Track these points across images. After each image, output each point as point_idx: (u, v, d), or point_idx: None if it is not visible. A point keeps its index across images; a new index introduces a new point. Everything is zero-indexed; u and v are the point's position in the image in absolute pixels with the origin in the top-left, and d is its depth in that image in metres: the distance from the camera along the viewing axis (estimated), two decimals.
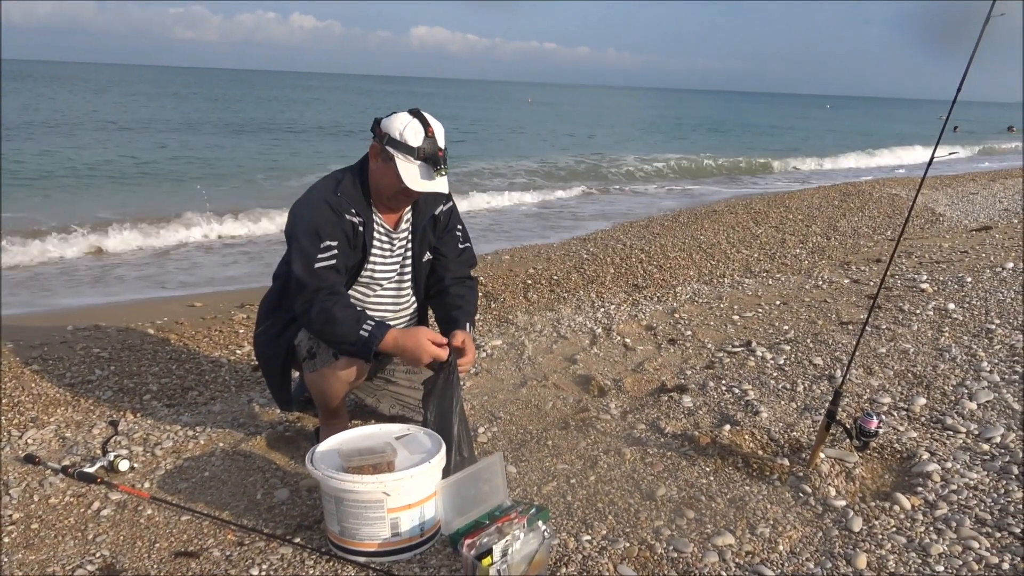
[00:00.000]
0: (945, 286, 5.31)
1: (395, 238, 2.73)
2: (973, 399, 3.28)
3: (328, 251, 2.53)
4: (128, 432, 3.16)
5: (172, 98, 41.28)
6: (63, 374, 3.85)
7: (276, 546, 2.31)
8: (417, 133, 2.47)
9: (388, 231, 2.71)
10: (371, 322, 2.50)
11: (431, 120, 2.53)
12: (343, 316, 2.50)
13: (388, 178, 2.54)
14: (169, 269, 7.11)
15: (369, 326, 2.49)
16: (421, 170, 2.49)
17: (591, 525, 2.41)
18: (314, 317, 2.51)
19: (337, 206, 2.56)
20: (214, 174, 13.67)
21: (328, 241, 2.53)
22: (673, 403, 3.38)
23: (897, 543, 2.29)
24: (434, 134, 2.49)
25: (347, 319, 2.49)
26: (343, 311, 2.51)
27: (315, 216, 2.55)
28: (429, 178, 2.50)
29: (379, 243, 2.69)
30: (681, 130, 34.29)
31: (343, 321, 2.49)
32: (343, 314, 2.50)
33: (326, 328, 2.51)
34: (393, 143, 2.49)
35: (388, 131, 2.50)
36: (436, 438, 2.41)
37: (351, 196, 2.59)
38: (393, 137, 2.49)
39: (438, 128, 2.53)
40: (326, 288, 2.52)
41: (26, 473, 2.80)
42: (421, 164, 2.49)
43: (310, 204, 2.58)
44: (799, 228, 8.54)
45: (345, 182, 2.61)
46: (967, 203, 10.61)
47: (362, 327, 2.48)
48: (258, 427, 3.22)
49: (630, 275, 6.19)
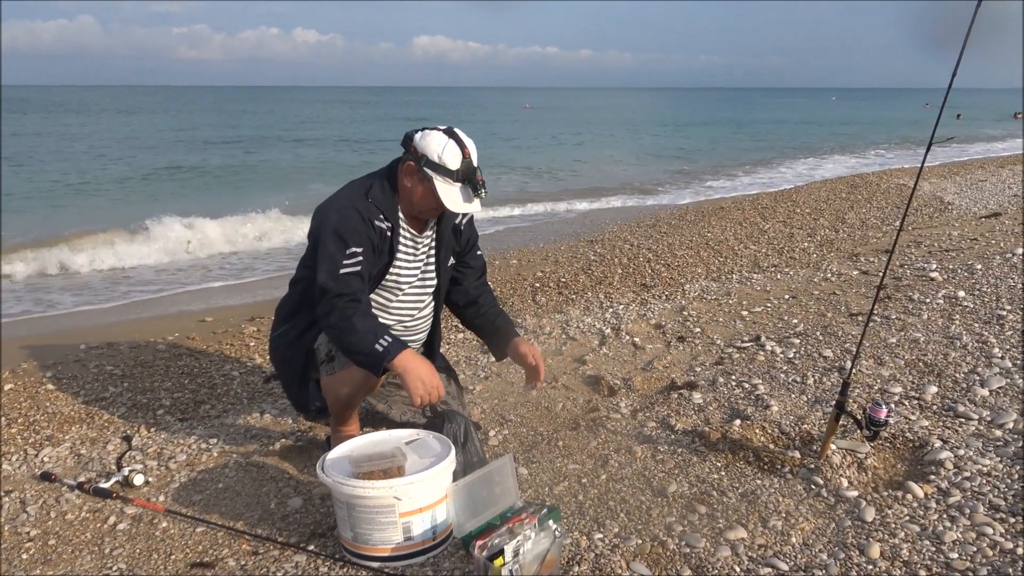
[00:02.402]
0: (955, 274, 5.29)
1: (419, 243, 2.76)
2: (985, 386, 3.27)
3: (353, 257, 2.55)
4: (142, 447, 3.19)
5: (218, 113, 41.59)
6: (77, 392, 3.88)
7: (291, 554, 2.33)
8: (455, 156, 2.50)
9: (413, 236, 2.73)
10: (388, 337, 2.50)
11: (465, 140, 2.54)
12: (362, 326, 2.51)
13: (425, 198, 2.57)
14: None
15: (386, 341, 2.48)
16: (462, 193, 2.53)
17: (603, 523, 2.42)
18: (334, 323, 2.53)
19: (366, 212, 2.58)
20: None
21: (354, 248, 2.55)
22: (683, 400, 3.38)
23: (910, 532, 2.28)
24: (470, 155, 2.52)
25: (366, 329, 2.50)
26: (363, 321, 2.52)
27: (343, 222, 2.56)
28: (469, 200, 2.54)
29: (404, 248, 2.72)
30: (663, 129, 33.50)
31: (362, 331, 2.50)
32: (362, 324, 2.51)
33: (344, 335, 2.52)
34: (431, 165, 2.50)
35: (425, 152, 2.51)
36: (446, 442, 2.42)
37: (381, 202, 2.61)
38: (431, 159, 2.50)
39: (472, 148, 2.55)
40: (348, 295, 2.54)
41: (43, 490, 2.83)
42: (461, 187, 2.52)
43: (339, 209, 2.60)
44: (807, 222, 8.52)
45: (375, 188, 2.63)
46: (976, 190, 10.56)
47: (379, 340, 2.48)
48: (270, 438, 3.24)
49: (638, 275, 6.19)
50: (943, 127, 2.53)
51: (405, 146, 2.59)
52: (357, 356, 2.55)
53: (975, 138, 24.39)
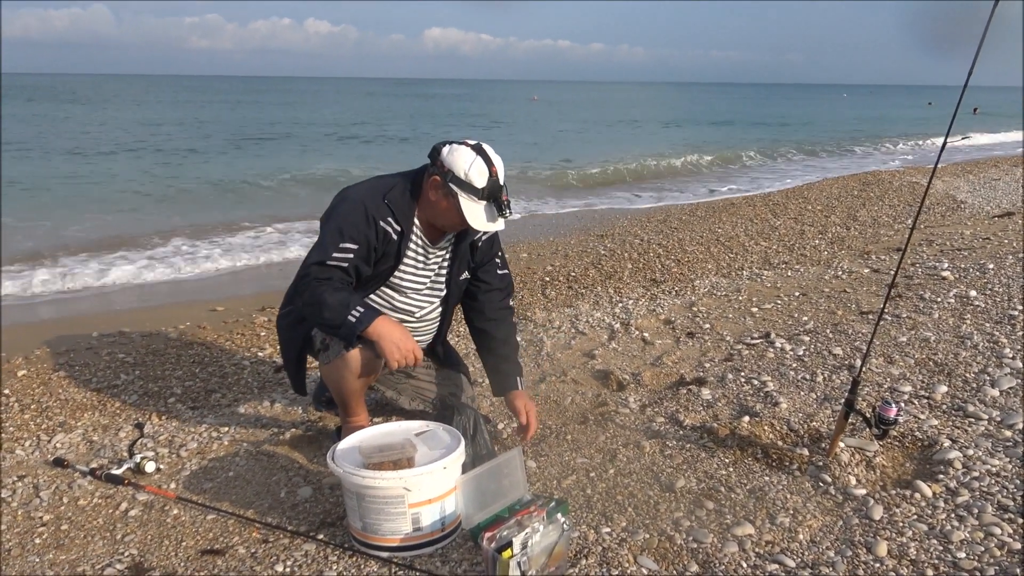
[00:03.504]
0: (967, 273, 5.26)
1: (431, 253, 2.74)
2: (995, 386, 3.26)
3: (345, 252, 2.55)
4: (154, 434, 3.21)
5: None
6: (89, 379, 3.92)
7: (300, 543, 2.35)
8: (482, 173, 2.48)
9: (425, 245, 2.71)
10: (361, 307, 2.48)
11: (494, 157, 2.52)
12: (333, 299, 2.48)
13: (449, 214, 2.55)
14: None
15: (359, 311, 2.46)
16: (486, 211, 2.51)
17: (611, 517, 2.43)
18: (307, 301, 2.53)
19: (376, 212, 2.57)
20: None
21: (348, 243, 2.54)
22: (692, 396, 3.38)
23: (918, 530, 2.28)
24: (497, 174, 2.50)
25: (337, 302, 2.47)
26: (333, 294, 2.49)
27: (346, 215, 2.56)
28: (493, 219, 2.53)
29: (412, 255, 2.71)
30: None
31: (333, 304, 2.47)
32: (333, 297, 2.48)
33: (317, 311, 2.50)
34: (457, 181, 2.49)
35: (452, 168, 2.49)
36: (455, 434, 2.43)
37: (398, 206, 2.59)
38: (457, 176, 2.48)
39: (500, 166, 2.53)
40: (325, 280, 2.53)
41: (55, 476, 2.86)
42: (486, 205, 2.51)
43: (351, 201, 2.59)
44: (818, 219, 8.49)
45: (396, 191, 2.61)
46: (989, 189, 10.50)
47: (352, 310, 2.46)
48: (280, 427, 3.26)
49: (648, 270, 6.19)
50: (958, 123, 2.51)
51: (432, 159, 2.57)
52: (332, 329, 2.54)
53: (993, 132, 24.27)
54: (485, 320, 2.92)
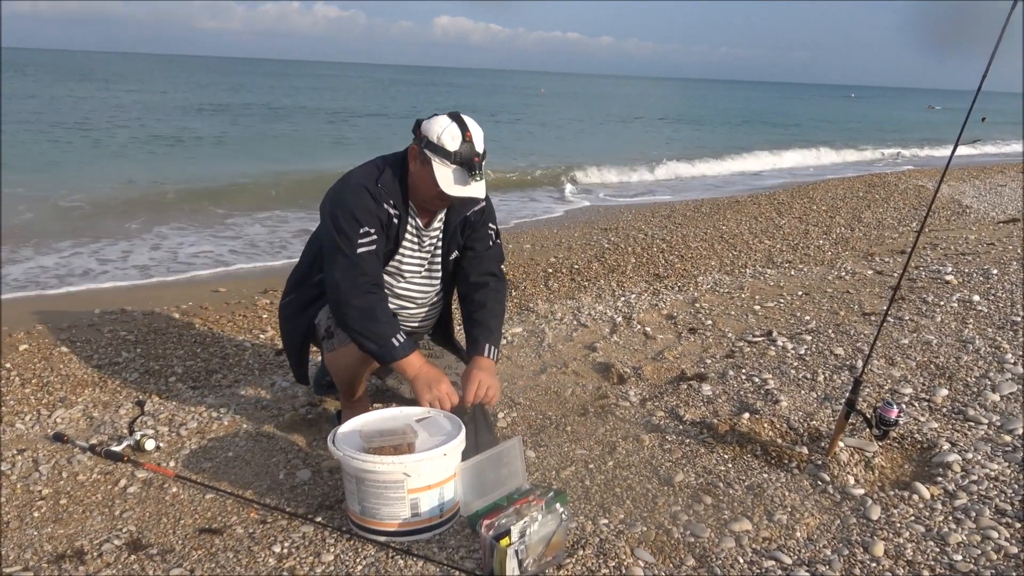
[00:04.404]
0: (970, 278, 5.26)
1: (424, 236, 2.74)
2: (996, 391, 3.26)
3: (367, 236, 2.54)
4: (154, 413, 3.22)
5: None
6: (91, 356, 3.92)
7: (298, 524, 2.35)
8: (455, 137, 2.46)
9: (419, 228, 2.71)
10: (403, 335, 2.56)
11: (470, 124, 2.50)
12: (384, 317, 2.54)
13: (425, 181, 2.53)
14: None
15: (402, 337, 2.54)
16: (456, 175, 2.47)
17: (609, 509, 2.43)
18: (357, 304, 2.52)
19: (377, 194, 2.57)
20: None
21: (366, 227, 2.54)
22: (692, 391, 3.38)
23: (915, 532, 2.28)
24: (472, 138, 2.47)
25: (387, 321, 2.55)
26: (384, 312, 2.56)
27: (355, 201, 2.55)
28: (464, 183, 2.48)
29: (409, 239, 2.71)
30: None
31: (383, 321, 2.53)
32: (384, 315, 2.55)
33: (365, 321, 2.52)
34: (431, 146, 2.47)
35: (427, 134, 2.49)
36: (456, 421, 2.43)
37: (390, 189, 2.59)
38: (431, 140, 2.47)
39: (477, 132, 2.50)
40: (370, 276, 2.55)
41: (55, 451, 2.86)
42: (456, 168, 2.47)
43: (352, 188, 2.58)
44: (823, 219, 8.48)
45: (386, 175, 2.60)
46: (995, 195, 10.47)
47: (397, 335, 2.53)
48: (281, 409, 3.27)
49: (651, 264, 6.18)
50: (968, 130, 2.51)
51: (415, 132, 2.57)
52: (369, 343, 2.55)
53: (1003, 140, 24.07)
54: (468, 286, 2.85)
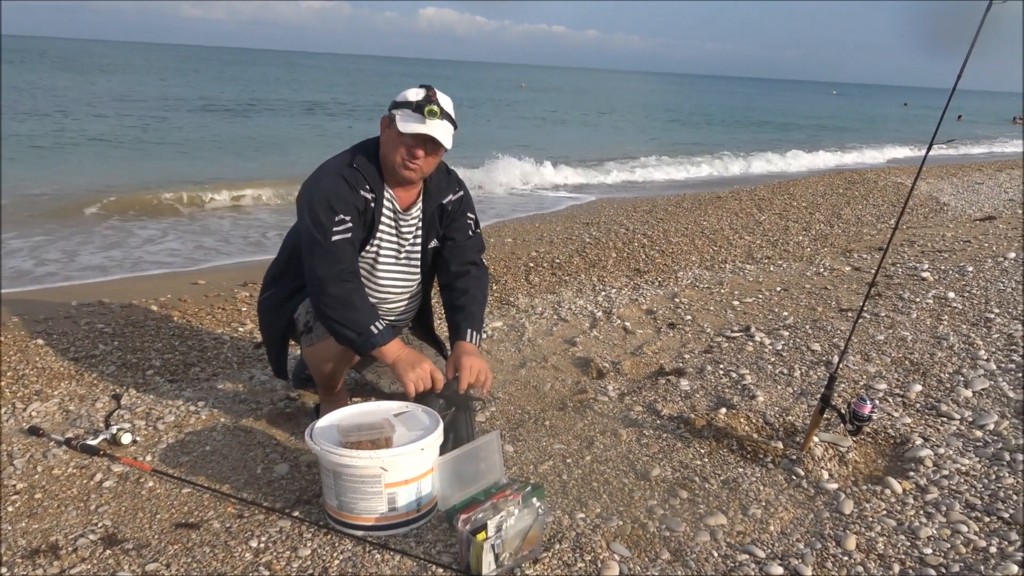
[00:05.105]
0: (946, 275, 5.32)
1: (402, 220, 2.74)
2: (969, 387, 3.31)
3: (342, 224, 2.56)
4: (131, 406, 3.20)
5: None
6: (67, 348, 3.88)
7: (275, 519, 2.35)
8: (418, 94, 2.56)
9: (397, 211, 2.72)
10: (382, 322, 2.56)
11: (437, 90, 2.60)
12: (361, 304, 2.56)
13: (390, 141, 2.60)
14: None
15: (381, 325, 2.55)
16: (413, 117, 2.54)
17: (585, 503, 2.45)
18: (333, 292, 2.53)
19: (353, 180, 2.59)
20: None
21: (341, 215, 2.56)
22: (670, 386, 3.41)
23: (887, 526, 2.32)
24: (435, 96, 2.56)
25: (365, 308, 2.56)
26: (362, 300, 2.57)
27: (330, 189, 2.57)
28: (420, 122, 2.53)
29: (386, 222, 2.71)
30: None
31: (361, 309, 2.55)
32: (361, 303, 2.56)
33: (341, 309, 2.53)
34: (395, 104, 2.58)
35: (395, 99, 2.60)
36: (434, 415, 2.44)
37: (366, 170, 2.63)
38: (396, 100, 2.58)
39: (444, 97, 2.60)
40: (345, 264, 2.56)
41: (30, 444, 2.84)
42: (413, 112, 2.55)
43: (328, 176, 2.61)
44: (802, 215, 8.54)
45: (360, 157, 2.65)
46: (972, 192, 10.59)
47: (375, 322, 2.54)
48: (259, 403, 3.26)
49: (632, 259, 6.20)
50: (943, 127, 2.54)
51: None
52: (347, 332, 2.55)
53: (979, 139, 24.22)
54: (449, 275, 2.87)
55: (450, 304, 2.85)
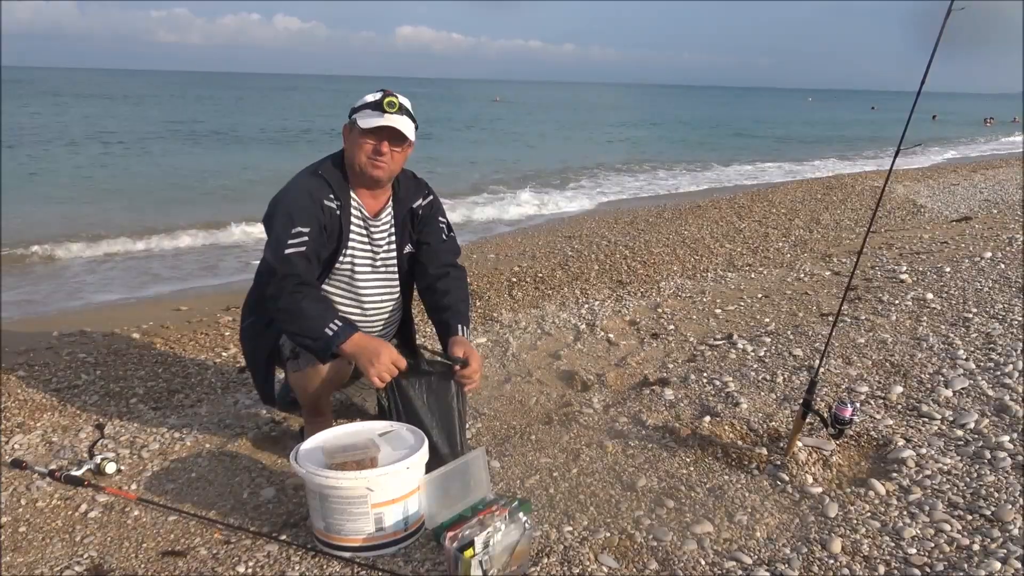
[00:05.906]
0: (924, 276, 5.38)
1: (373, 227, 2.75)
2: (949, 387, 3.34)
3: (299, 237, 2.54)
4: (115, 435, 3.18)
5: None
6: (49, 379, 3.86)
7: (262, 544, 2.34)
8: (375, 94, 2.62)
9: (366, 217, 2.73)
10: (339, 321, 2.49)
11: (395, 92, 2.65)
12: (311, 310, 2.49)
13: (353, 144, 2.63)
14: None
15: (336, 325, 2.47)
16: (373, 113, 2.58)
17: (573, 516, 2.45)
18: (282, 306, 2.51)
19: (316, 192, 2.61)
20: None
21: (300, 227, 2.54)
22: (655, 396, 3.42)
23: (871, 527, 2.34)
24: (394, 97, 2.61)
25: (315, 313, 2.49)
26: (312, 304, 2.51)
27: (291, 201, 2.59)
28: (380, 116, 2.57)
29: (355, 229, 2.71)
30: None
31: (311, 315, 2.49)
32: (311, 308, 2.50)
33: (293, 320, 2.50)
34: (354, 109, 2.63)
35: (353, 105, 2.66)
36: (419, 434, 2.44)
37: (331, 175, 2.65)
38: (355, 106, 2.64)
39: (402, 97, 2.65)
40: (294, 277, 2.52)
41: (13, 478, 2.81)
42: (373, 110, 2.59)
43: (290, 190, 2.64)
44: (782, 222, 8.62)
45: (326, 165, 2.69)
46: (948, 194, 10.73)
47: (329, 324, 2.47)
48: (244, 428, 3.24)
49: (614, 271, 6.24)
50: (913, 129, 2.59)
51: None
52: (306, 341, 2.53)
53: (953, 140, 24.50)
54: (428, 278, 2.85)
55: (435, 305, 2.83)
